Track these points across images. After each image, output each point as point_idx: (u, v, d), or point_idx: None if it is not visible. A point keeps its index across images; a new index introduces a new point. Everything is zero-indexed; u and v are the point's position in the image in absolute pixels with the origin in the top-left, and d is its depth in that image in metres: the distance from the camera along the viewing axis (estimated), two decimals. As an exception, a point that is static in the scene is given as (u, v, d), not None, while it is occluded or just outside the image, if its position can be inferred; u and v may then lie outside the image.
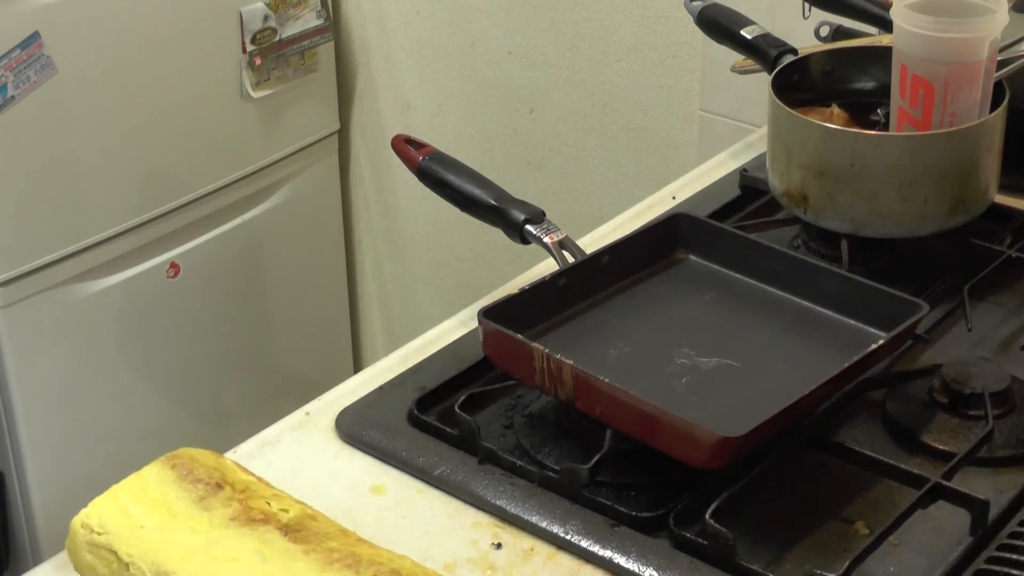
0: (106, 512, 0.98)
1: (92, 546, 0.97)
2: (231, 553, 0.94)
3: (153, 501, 0.98)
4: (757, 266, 1.20)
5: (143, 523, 0.97)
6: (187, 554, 0.94)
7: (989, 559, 0.96)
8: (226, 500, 0.98)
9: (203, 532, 0.96)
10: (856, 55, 1.43)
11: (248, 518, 0.96)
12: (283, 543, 0.94)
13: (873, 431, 1.09)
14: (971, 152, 1.26)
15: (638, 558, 0.97)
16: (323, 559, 0.93)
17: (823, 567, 0.93)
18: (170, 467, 1.01)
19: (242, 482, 1.00)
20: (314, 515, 0.98)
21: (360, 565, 0.92)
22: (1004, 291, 1.27)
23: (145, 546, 0.95)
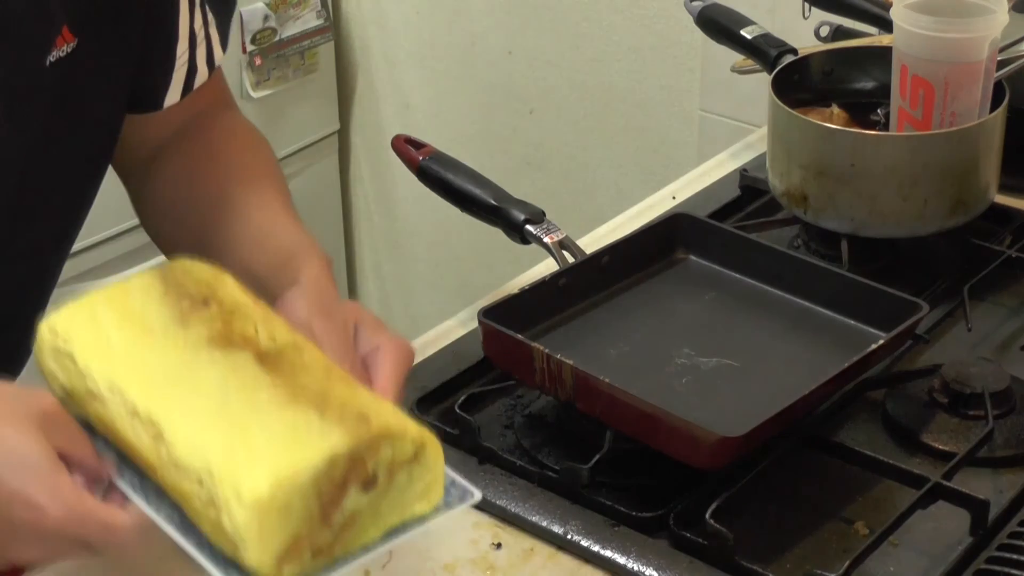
0: (76, 320, 0.92)
1: (55, 352, 0.91)
2: (193, 380, 0.87)
3: (129, 314, 0.91)
4: (757, 266, 1.20)
5: (111, 336, 0.90)
6: (147, 375, 0.88)
7: (989, 559, 0.96)
8: (208, 319, 0.91)
9: (173, 353, 0.89)
10: (856, 55, 1.43)
11: (226, 340, 0.89)
12: (254, 371, 0.87)
13: (873, 431, 1.09)
14: (971, 152, 1.26)
15: (638, 558, 0.97)
16: (289, 394, 0.85)
17: (823, 567, 0.93)
18: (160, 278, 0.94)
19: (232, 301, 0.93)
20: (303, 346, 0.90)
21: (326, 405, 0.84)
22: (1004, 291, 1.27)
23: (106, 360, 0.89)
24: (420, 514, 0.86)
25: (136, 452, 0.87)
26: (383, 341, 0.95)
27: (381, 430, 0.83)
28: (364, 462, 0.83)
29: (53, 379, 0.92)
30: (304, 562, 0.82)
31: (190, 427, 0.84)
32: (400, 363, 0.94)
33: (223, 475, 0.81)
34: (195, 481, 0.83)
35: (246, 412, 0.84)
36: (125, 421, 0.87)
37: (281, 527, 0.81)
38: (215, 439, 0.83)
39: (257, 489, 0.80)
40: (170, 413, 0.85)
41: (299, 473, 0.80)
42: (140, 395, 0.86)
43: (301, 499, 0.80)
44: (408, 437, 0.84)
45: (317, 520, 0.82)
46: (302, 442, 0.82)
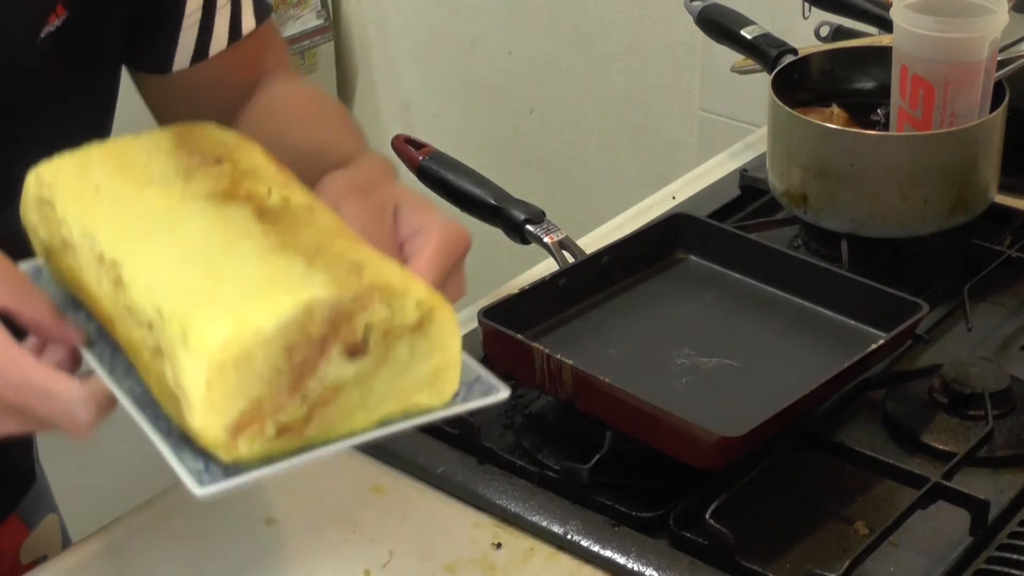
0: (66, 168, 0.82)
1: (37, 202, 0.81)
2: (174, 228, 0.75)
3: (127, 164, 0.80)
4: (757, 266, 1.20)
5: (100, 183, 0.79)
6: (124, 222, 0.76)
7: (989, 559, 0.96)
8: (216, 175, 0.78)
9: (163, 204, 0.77)
10: (856, 55, 1.43)
11: (228, 195, 0.76)
12: (247, 223, 0.74)
13: (873, 431, 1.09)
14: (971, 152, 1.26)
15: (638, 558, 0.97)
16: (279, 244, 0.72)
17: (823, 567, 0.93)
18: (174, 135, 0.82)
19: (250, 164, 0.80)
20: (317, 210, 0.78)
21: (318, 255, 0.71)
22: (1004, 291, 1.27)
23: (86, 206, 0.78)
24: (426, 407, 0.73)
25: (98, 305, 0.76)
26: (428, 222, 0.82)
27: (375, 282, 0.69)
28: (350, 319, 0.69)
29: (35, 235, 0.83)
30: (266, 438, 0.69)
31: (152, 271, 0.72)
32: (446, 247, 0.80)
33: (174, 317, 0.68)
34: (144, 326, 0.70)
35: (222, 259, 0.72)
36: (91, 270, 0.76)
37: (237, 386, 0.67)
38: (177, 283, 0.71)
39: (210, 333, 0.66)
40: (136, 257, 0.73)
41: (264, 319, 0.67)
42: (110, 240, 0.75)
43: (265, 353, 0.67)
44: (411, 296, 0.70)
45: (286, 387, 0.68)
46: (276, 288, 0.68)
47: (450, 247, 0.80)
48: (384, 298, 0.69)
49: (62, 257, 0.78)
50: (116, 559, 1.00)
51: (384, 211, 0.82)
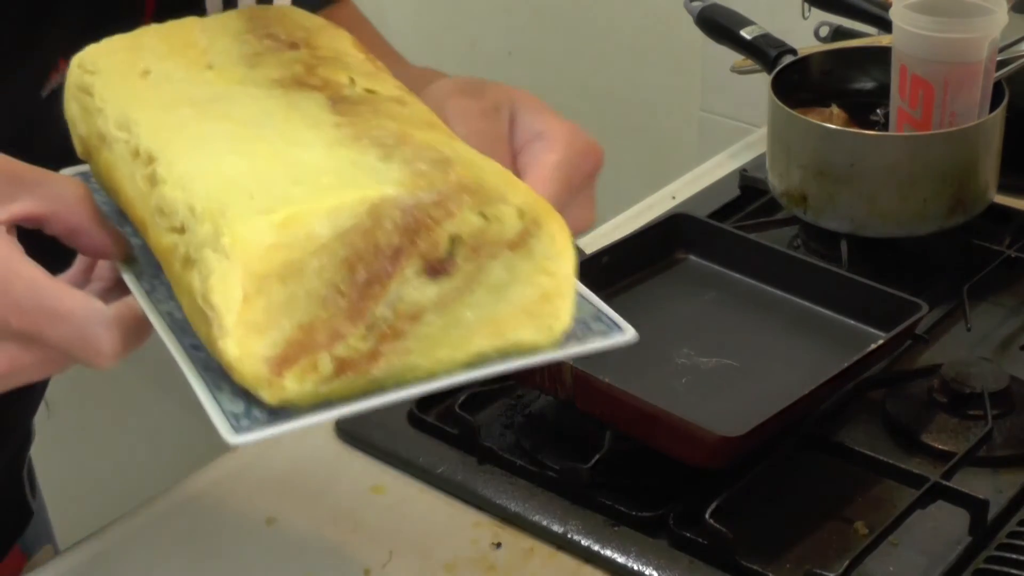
0: (112, 50, 0.69)
1: (78, 89, 0.69)
2: (228, 109, 0.62)
3: (186, 46, 0.67)
4: (757, 266, 1.20)
5: (150, 67, 0.66)
6: (170, 104, 0.63)
7: (988, 559, 0.96)
8: (289, 61, 0.65)
9: (219, 89, 0.64)
10: (856, 55, 1.43)
11: (298, 82, 0.63)
12: (317, 111, 0.61)
13: (873, 431, 1.09)
14: (970, 152, 1.26)
15: (638, 558, 0.97)
16: (352, 135, 0.58)
17: (823, 567, 0.93)
18: (246, 17, 0.69)
19: (334, 51, 0.67)
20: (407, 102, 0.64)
21: (398, 146, 0.57)
22: (1004, 291, 1.27)
23: (127, 93, 0.65)
24: (529, 345, 0.58)
25: (132, 209, 0.63)
26: (550, 127, 0.69)
27: (464, 181, 0.55)
28: (431, 228, 0.54)
29: (74, 129, 0.71)
30: (320, 376, 0.55)
31: (191, 163, 0.59)
32: (572, 157, 0.67)
33: (207, 212, 0.55)
34: (175, 229, 0.58)
35: (278, 148, 0.58)
36: (126, 165, 0.63)
37: (283, 305, 0.53)
38: (217, 176, 0.57)
39: (248, 234, 0.53)
40: (175, 149, 0.60)
41: (319, 219, 0.53)
42: (149, 131, 0.62)
43: (319, 263, 0.53)
44: (511, 202, 0.56)
45: (346, 310, 0.54)
46: (338, 181, 0.55)
47: (577, 158, 0.67)
48: (476, 203, 0.55)
49: (99, 154, 0.66)
50: (116, 559, 1.00)
51: (498, 112, 0.68)
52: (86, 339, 0.61)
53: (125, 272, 0.64)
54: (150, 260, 0.64)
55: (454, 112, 0.67)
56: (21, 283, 0.61)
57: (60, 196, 0.63)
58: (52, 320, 0.60)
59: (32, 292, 0.60)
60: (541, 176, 0.65)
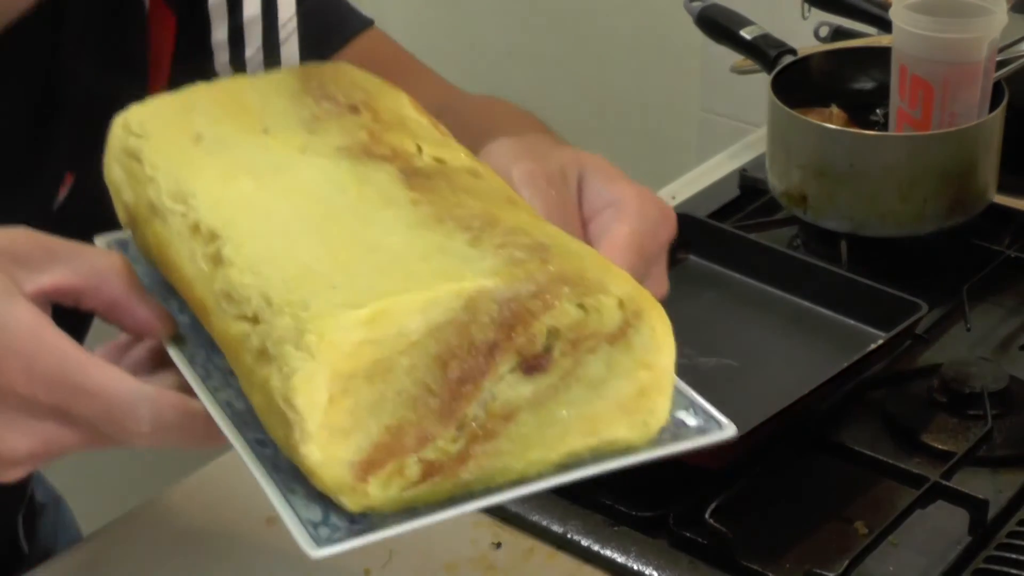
0: (161, 112, 0.64)
1: (123, 153, 0.65)
2: (293, 182, 0.57)
3: (240, 108, 0.63)
4: (757, 266, 1.20)
5: (202, 132, 0.62)
6: (229, 174, 0.58)
7: (988, 559, 0.96)
8: (351, 127, 0.60)
9: (280, 159, 0.59)
10: (856, 55, 1.43)
11: (364, 151, 0.58)
12: (390, 186, 0.56)
13: (873, 431, 1.09)
14: (970, 152, 1.26)
15: (638, 558, 0.97)
16: (433, 214, 0.53)
17: (823, 567, 0.93)
18: (300, 77, 0.65)
19: (396, 115, 0.62)
20: (482, 174, 0.60)
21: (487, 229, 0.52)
22: (1004, 291, 1.27)
23: (182, 159, 0.60)
24: (625, 442, 0.55)
25: (190, 289, 0.58)
26: (622, 195, 0.64)
27: (564, 272, 0.51)
28: (530, 321, 0.50)
29: (117, 196, 0.66)
30: (406, 480, 0.51)
31: (261, 244, 0.54)
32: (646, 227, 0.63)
33: (287, 303, 0.51)
34: (246, 318, 0.53)
35: (354, 230, 0.53)
36: (184, 242, 0.58)
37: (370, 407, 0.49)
38: (292, 261, 0.52)
39: (335, 331, 0.48)
40: (241, 228, 0.55)
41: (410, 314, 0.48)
42: (209, 205, 0.57)
43: (410, 362, 0.49)
44: (612, 293, 0.52)
45: (436, 411, 0.50)
46: (428, 272, 0.50)
47: (651, 227, 0.63)
48: (576, 294, 0.51)
49: (148, 226, 0.62)
50: (116, 559, 1.00)
51: (565, 178, 0.64)
52: (116, 418, 0.58)
53: (174, 353, 0.60)
54: (200, 339, 0.60)
55: (521, 178, 0.63)
56: (49, 357, 0.58)
57: (96, 268, 0.60)
58: (80, 396, 0.58)
59: (60, 366, 0.58)
60: (614, 249, 0.61)
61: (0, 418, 0.58)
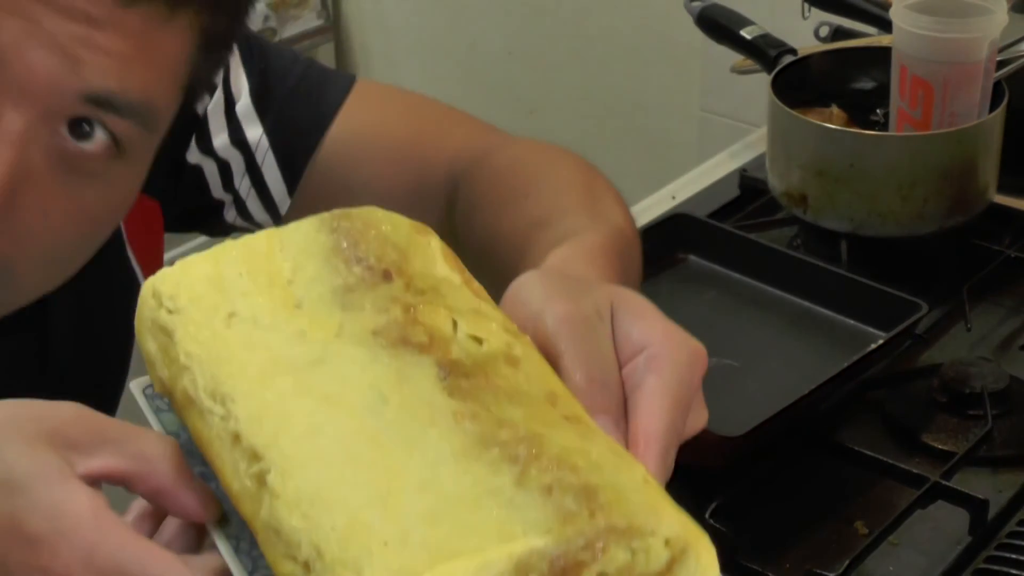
0: (191, 280, 0.63)
1: (156, 327, 0.64)
2: (333, 385, 0.57)
3: (269, 277, 0.62)
4: (757, 266, 1.20)
5: (235, 308, 0.61)
6: (267, 372, 0.58)
7: (988, 558, 0.96)
8: (385, 300, 0.60)
9: (315, 341, 0.59)
10: (856, 55, 1.43)
11: (400, 337, 0.58)
12: (430, 390, 0.56)
13: (873, 431, 1.09)
14: (970, 152, 1.26)
15: (638, 558, 0.97)
16: (479, 435, 0.54)
17: (823, 567, 0.93)
18: (330, 229, 0.64)
19: (429, 279, 0.62)
20: (518, 359, 0.59)
21: (532, 463, 0.53)
22: (1004, 291, 1.27)
23: (215, 346, 0.60)
24: None
25: (238, 502, 0.59)
26: (653, 341, 0.64)
27: (615, 521, 0.52)
28: (579, 571, 0.51)
29: (152, 367, 0.65)
30: None
31: (308, 470, 0.55)
32: (683, 380, 0.63)
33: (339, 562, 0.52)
34: (298, 562, 0.54)
35: (402, 455, 0.54)
36: (225, 449, 0.58)
37: None
38: (341, 497, 0.53)
39: None
40: (285, 446, 0.56)
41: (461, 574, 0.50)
42: (248, 411, 0.58)
43: None
44: (661, 535, 0.54)
45: None
46: (479, 521, 0.52)
47: (685, 375, 0.64)
48: (625, 541, 0.52)
49: (187, 413, 0.62)
50: None
51: (603, 322, 0.64)
52: None
53: (221, 543, 0.60)
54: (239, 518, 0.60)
55: (557, 326, 0.62)
56: (108, 547, 0.58)
57: (144, 455, 0.60)
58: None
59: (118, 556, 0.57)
60: (652, 418, 0.61)
61: None
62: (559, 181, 0.90)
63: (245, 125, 1.00)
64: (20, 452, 0.58)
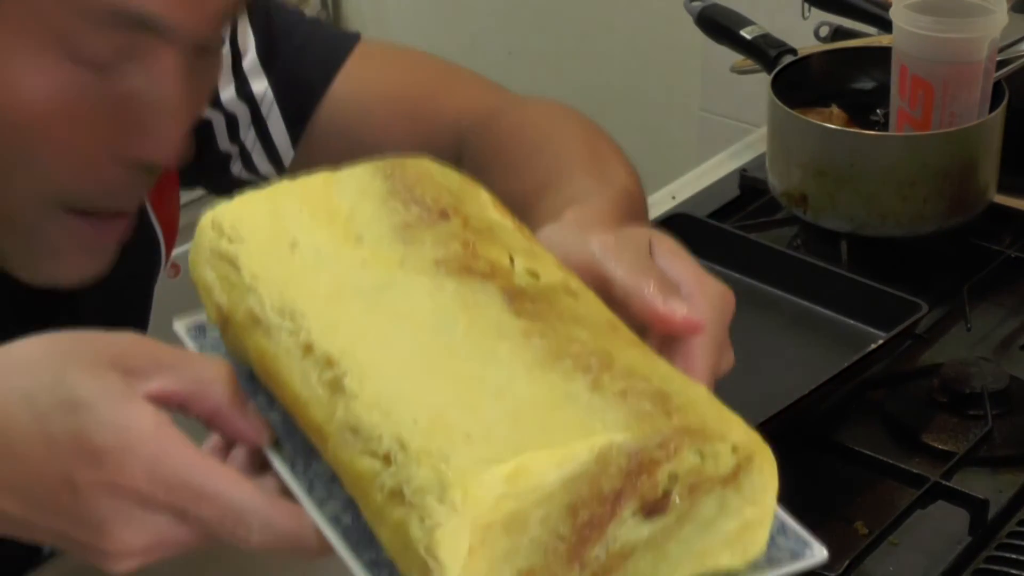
0: (252, 214, 0.65)
1: (215, 256, 0.66)
2: (402, 306, 0.58)
3: (330, 214, 0.64)
4: (757, 266, 1.20)
5: (297, 239, 0.63)
6: (334, 293, 0.60)
7: (988, 558, 0.96)
8: (444, 236, 0.62)
9: (382, 273, 0.60)
10: (856, 55, 1.43)
11: (463, 267, 0.60)
12: (498, 312, 0.58)
13: (873, 431, 1.09)
14: (970, 152, 1.26)
15: (638, 558, 0.97)
16: (549, 350, 0.56)
17: (823, 567, 0.93)
18: (383, 175, 0.66)
19: (484, 220, 0.64)
20: (577, 291, 0.61)
21: (605, 371, 0.55)
22: (1004, 291, 1.27)
23: (281, 270, 0.62)
24: (727, 569, 0.58)
25: (304, 411, 0.60)
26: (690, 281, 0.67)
27: (689, 422, 0.55)
28: (654, 469, 0.54)
29: (208, 295, 0.67)
30: None
31: (385, 376, 0.56)
32: (715, 322, 0.65)
33: (424, 452, 0.53)
34: (378, 455, 0.55)
35: (477, 365, 0.56)
36: (294, 360, 0.60)
37: (506, 554, 0.52)
38: (421, 402, 0.54)
39: (477, 483, 0.51)
40: (359, 356, 0.57)
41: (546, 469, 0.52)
42: (321, 327, 0.59)
43: (544, 513, 0.53)
44: (729, 441, 0.56)
45: (564, 553, 0.53)
46: (559, 420, 0.53)
47: (719, 315, 0.66)
48: (696, 444, 0.54)
49: (249, 335, 0.63)
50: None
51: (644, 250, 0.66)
52: (228, 525, 0.62)
53: (278, 462, 0.62)
54: (295, 442, 0.62)
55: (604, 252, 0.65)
56: (172, 459, 0.60)
57: (200, 378, 0.62)
58: (198, 500, 0.60)
59: (182, 469, 0.60)
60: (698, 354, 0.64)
61: (119, 515, 0.60)
62: (564, 143, 0.92)
63: (251, 79, 1.01)
64: (83, 374, 0.60)
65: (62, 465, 0.59)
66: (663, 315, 0.63)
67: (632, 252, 0.65)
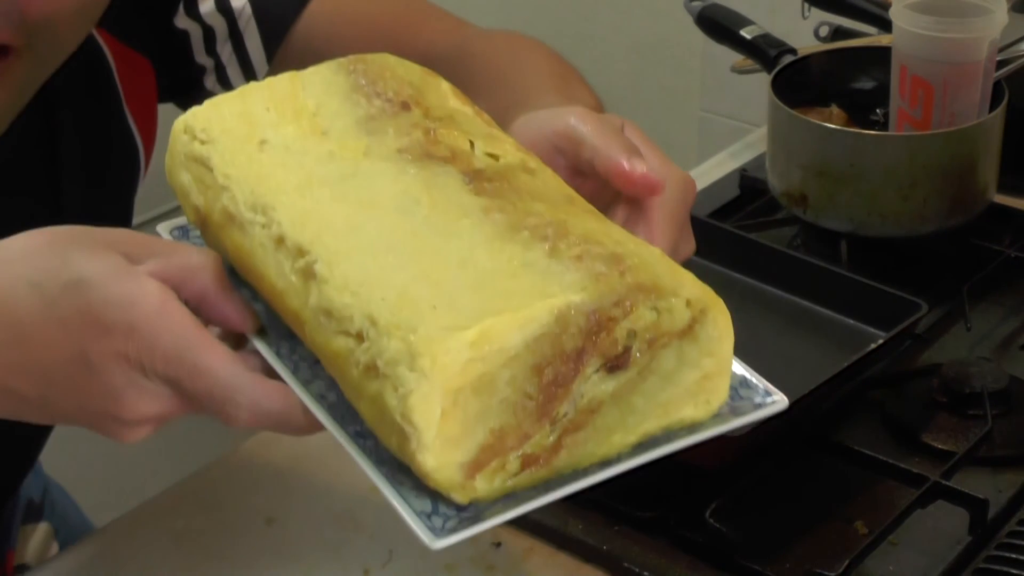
0: (221, 115, 0.69)
1: (189, 159, 0.69)
2: (367, 193, 0.62)
3: (296, 111, 0.67)
4: (757, 266, 1.20)
5: (265, 136, 0.66)
6: (303, 185, 0.63)
7: (988, 558, 0.96)
8: (406, 125, 0.65)
9: (346, 164, 0.63)
10: (856, 55, 1.43)
11: (424, 153, 0.63)
12: (458, 192, 0.61)
13: (873, 431, 1.09)
14: (970, 152, 1.26)
15: (638, 558, 0.97)
16: (508, 222, 0.59)
17: (823, 567, 0.93)
18: (346, 71, 0.69)
19: (445, 109, 0.67)
20: (535, 169, 0.65)
21: (561, 238, 0.58)
22: (1004, 291, 1.27)
23: (251, 169, 0.65)
24: (692, 420, 0.63)
25: (282, 300, 0.63)
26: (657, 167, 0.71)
27: (642, 280, 0.57)
28: (612, 326, 0.57)
29: (185, 198, 0.70)
30: (508, 473, 0.58)
31: (353, 259, 0.59)
32: (675, 195, 0.70)
33: (393, 325, 0.56)
34: (351, 334, 0.58)
35: (439, 242, 0.59)
36: (268, 253, 0.63)
37: (477, 415, 0.56)
38: (387, 280, 0.57)
39: (444, 349, 0.54)
40: (327, 243, 0.60)
41: (509, 332, 0.55)
42: (290, 219, 0.62)
43: (511, 374, 0.56)
44: (681, 296, 0.59)
45: (534, 412, 0.57)
46: (518, 286, 0.56)
47: (681, 196, 0.70)
48: (651, 300, 0.57)
49: (225, 232, 0.66)
50: (115, 558, 1.00)
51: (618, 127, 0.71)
52: (217, 401, 0.64)
53: (264, 348, 0.65)
54: (279, 329, 0.65)
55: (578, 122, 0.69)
56: (170, 334, 0.63)
57: (189, 264, 0.65)
58: (192, 373, 0.63)
59: (178, 343, 0.63)
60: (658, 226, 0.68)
61: (132, 383, 0.63)
62: (534, 68, 0.96)
63: None
64: (87, 256, 0.63)
65: (75, 343, 0.62)
66: (626, 171, 0.66)
67: (607, 124, 0.70)
